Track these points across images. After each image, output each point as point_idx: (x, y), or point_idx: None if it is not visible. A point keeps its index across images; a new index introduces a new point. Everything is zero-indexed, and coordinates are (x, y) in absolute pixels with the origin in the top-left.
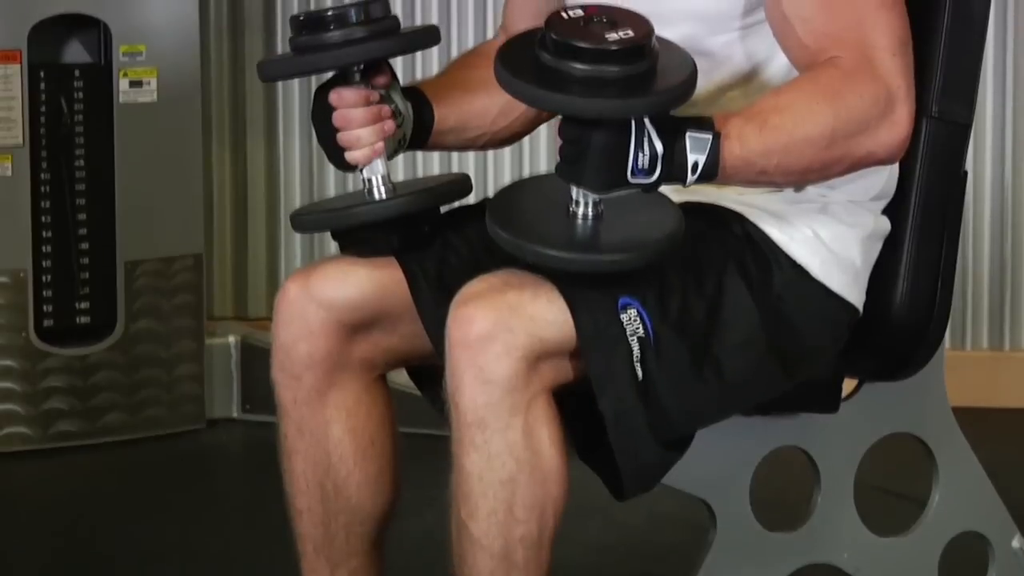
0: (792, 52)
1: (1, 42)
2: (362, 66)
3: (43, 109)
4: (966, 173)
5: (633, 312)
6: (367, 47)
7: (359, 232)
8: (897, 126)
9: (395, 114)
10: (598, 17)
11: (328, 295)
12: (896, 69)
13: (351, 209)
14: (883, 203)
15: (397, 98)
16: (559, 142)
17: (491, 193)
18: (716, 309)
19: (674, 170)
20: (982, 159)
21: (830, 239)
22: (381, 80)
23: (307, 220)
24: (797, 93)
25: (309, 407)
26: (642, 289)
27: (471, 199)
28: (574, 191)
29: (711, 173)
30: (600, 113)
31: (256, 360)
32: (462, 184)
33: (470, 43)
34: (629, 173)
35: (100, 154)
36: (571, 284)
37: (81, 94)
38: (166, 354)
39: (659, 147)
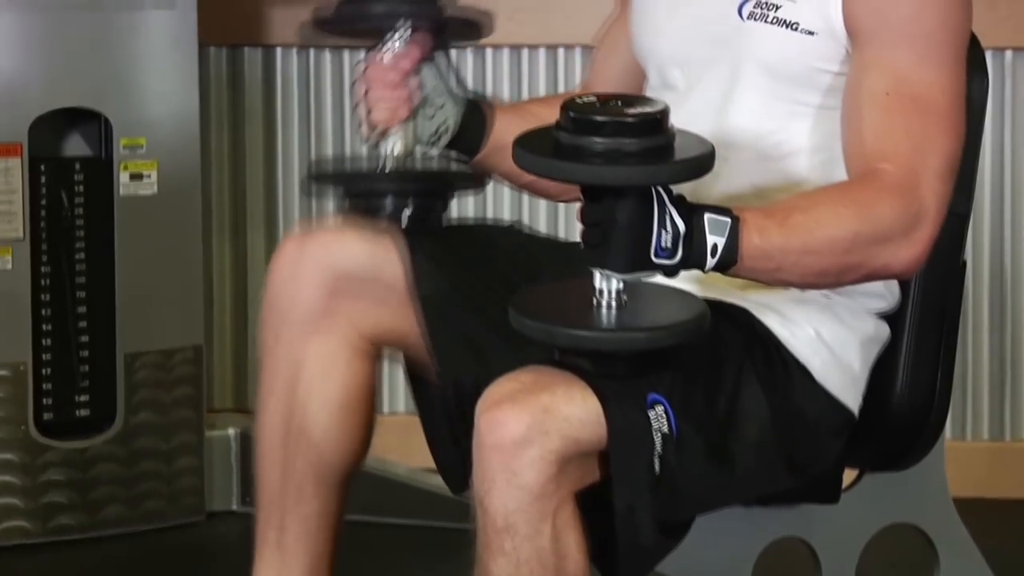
0: (850, 138)
1: (2, 136)
2: (400, 37)
3: (43, 202)
4: (965, 263)
5: (660, 409)
6: (397, 11)
7: (369, 196)
8: (918, 244)
9: (426, 100)
10: (613, 100)
11: (323, 253)
12: (936, 192)
13: (360, 171)
14: (885, 309)
15: (433, 79)
16: (581, 228)
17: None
18: (734, 406)
19: (694, 253)
20: (980, 249)
21: (831, 339)
22: (415, 53)
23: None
24: (824, 195)
25: (288, 347)
26: (668, 386)
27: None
28: (597, 280)
29: (730, 259)
30: (622, 180)
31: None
32: (477, 177)
33: None
34: (652, 253)
35: (100, 247)
36: (601, 379)
37: (81, 187)
38: (166, 446)
39: (681, 226)
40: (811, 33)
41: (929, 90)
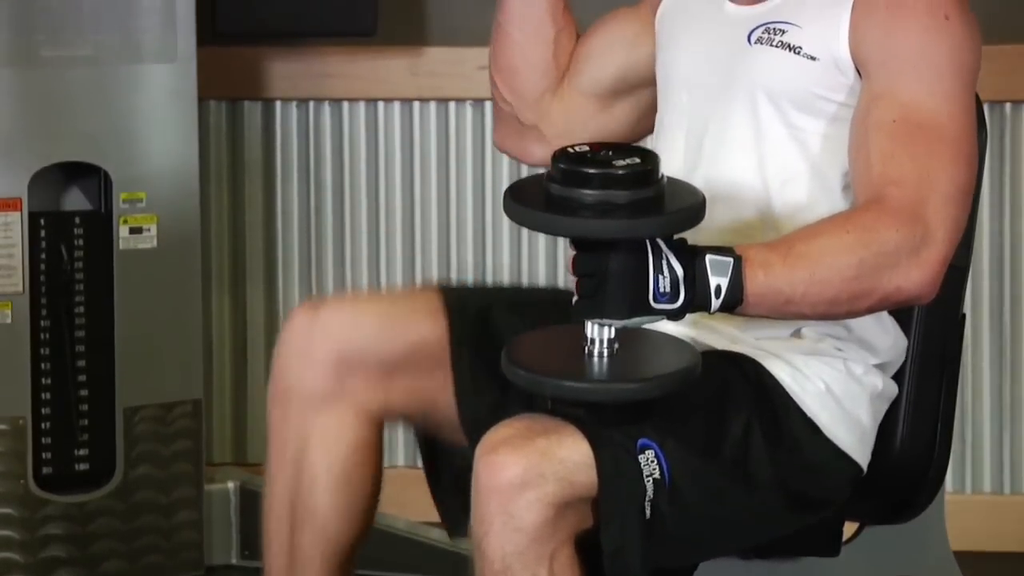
0: (857, 166)
1: (2, 190)
2: None
3: (43, 256)
4: (964, 316)
5: (651, 454)
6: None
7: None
8: (927, 266)
9: None
10: (604, 150)
11: (333, 327)
12: (943, 215)
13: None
14: (893, 367)
15: None
16: (573, 280)
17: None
18: (737, 457)
19: (697, 295)
20: (980, 302)
21: (841, 394)
22: None
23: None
24: (826, 224)
25: (294, 428)
26: (662, 432)
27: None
28: (589, 329)
29: (735, 299)
30: (611, 234)
31: (255, 506)
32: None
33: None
34: (652, 298)
35: (100, 301)
36: (592, 424)
37: (81, 241)
38: (165, 501)
39: (679, 270)
40: (813, 59)
41: (936, 118)
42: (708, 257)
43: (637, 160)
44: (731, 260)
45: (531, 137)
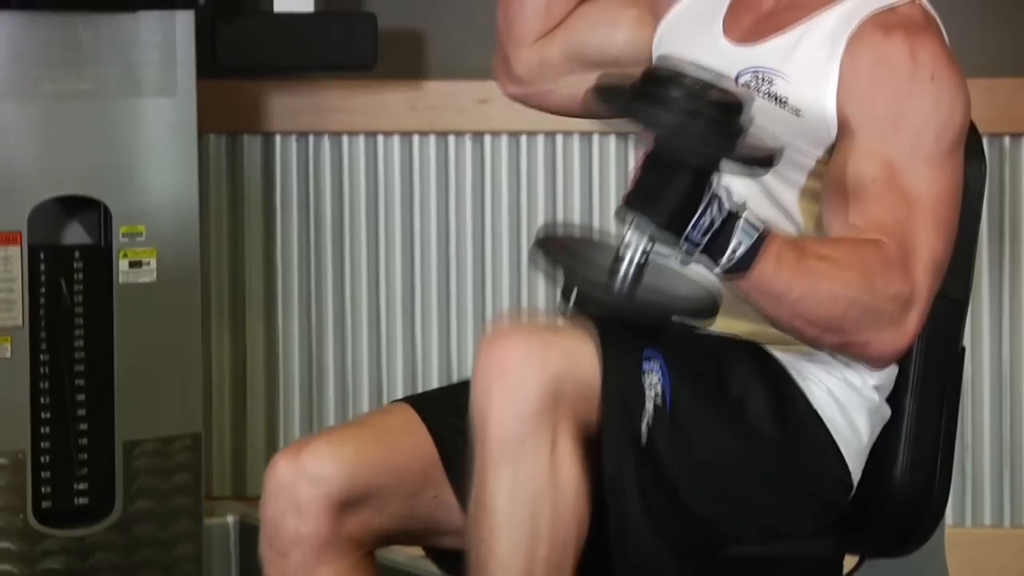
0: (835, 220)
1: (1, 224)
2: None
3: (43, 290)
4: (964, 349)
5: (655, 376)
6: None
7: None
8: (903, 335)
9: None
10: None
11: (318, 471)
12: (924, 284)
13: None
14: (885, 390)
15: None
16: (637, 174)
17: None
18: (739, 411)
19: (717, 244)
20: (980, 335)
21: (842, 399)
22: None
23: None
24: (842, 251)
25: None
26: (670, 360)
27: None
28: (628, 235)
29: (742, 267)
30: (699, 143)
31: (255, 539)
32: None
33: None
34: (690, 224)
35: (100, 334)
36: (603, 331)
37: (81, 275)
38: (164, 535)
39: (722, 214)
40: (798, 113)
41: (916, 185)
42: (744, 218)
43: (733, 95)
44: (759, 231)
45: (502, 60)
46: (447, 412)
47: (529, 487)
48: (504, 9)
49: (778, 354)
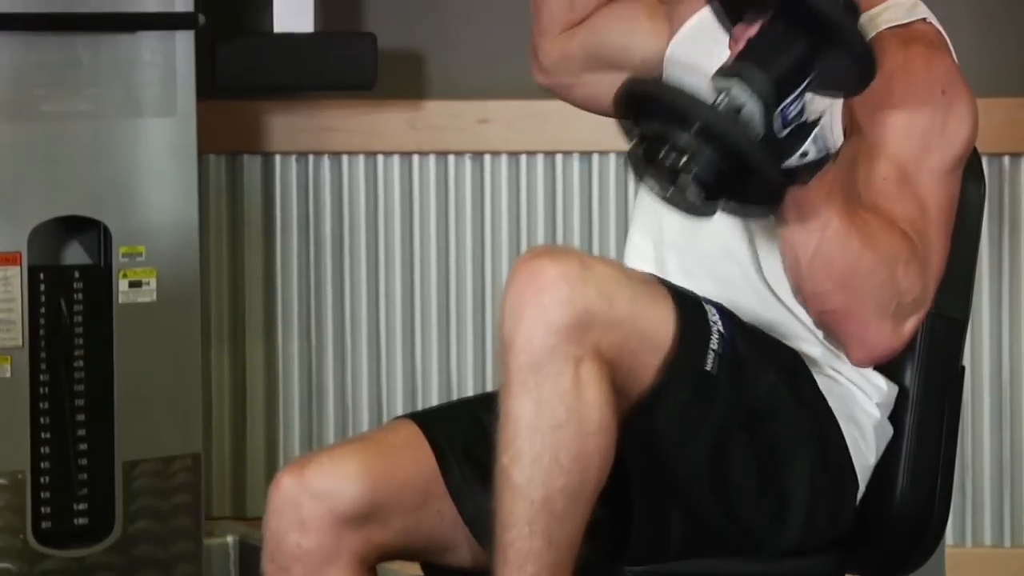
0: None
1: (1, 244)
2: None
3: (43, 310)
4: (964, 368)
5: (715, 315)
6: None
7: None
8: (899, 335)
9: None
10: None
11: (321, 486)
12: (931, 292)
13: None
14: (886, 409)
15: None
16: (749, 35)
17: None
18: (788, 378)
19: (789, 140)
20: (979, 354)
21: (850, 413)
22: None
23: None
24: (882, 223)
25: None
26: (723, 312)
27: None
28: (728, 88)
29: (803, 178)
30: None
31: (255, 559)
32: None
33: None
34: (782, 105)
35: (99, 354)
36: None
37: (80, 295)
38: (164, 555)
39: (810, 110)
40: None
41: (920, 188)
42: (822, 126)
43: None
44: (826, 152)
45: (533, 48)
46: (450, 428)
47: (551, 415)
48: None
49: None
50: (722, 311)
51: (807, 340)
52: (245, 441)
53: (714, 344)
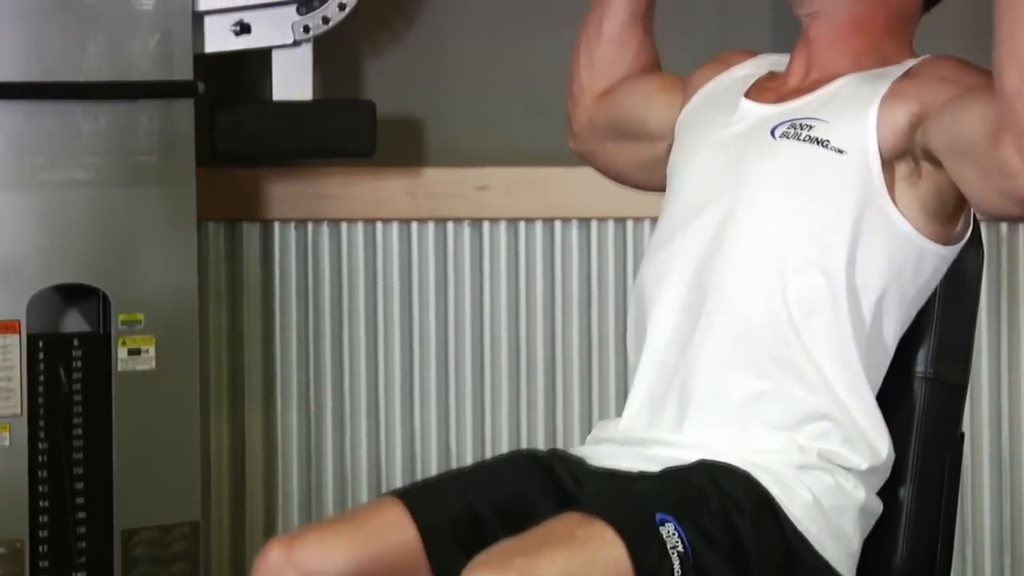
0: (972, 123)
1: (0, 312)
2: None
3: (42, 378)
4: (963, 434)
5: (671, 527)
6: None
7: None
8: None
9: None
10: None
11: (307, 563)
12: None
13: None
14: (879, 481)
15: None
16: None
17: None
18: (737, 546)
19: None
20: (979, 420)
21: (829, 507)
22: None
23: None
24: None
25: None
26: (677, 511)
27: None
28: None
29: None
30: None
31: None
32: None
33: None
34: None
35: (98, 422)
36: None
37: (79, 363)
38: None
39: None
40: (840, 152)
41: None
42: None
43: None
44: None
45: (568, 113)
46: (437, 508)
47: None
48: (571, 64)
49: (763, 476)
50: (679, 520)
51: (817, 392)
52: (244, 509)
53: (676, 570)
